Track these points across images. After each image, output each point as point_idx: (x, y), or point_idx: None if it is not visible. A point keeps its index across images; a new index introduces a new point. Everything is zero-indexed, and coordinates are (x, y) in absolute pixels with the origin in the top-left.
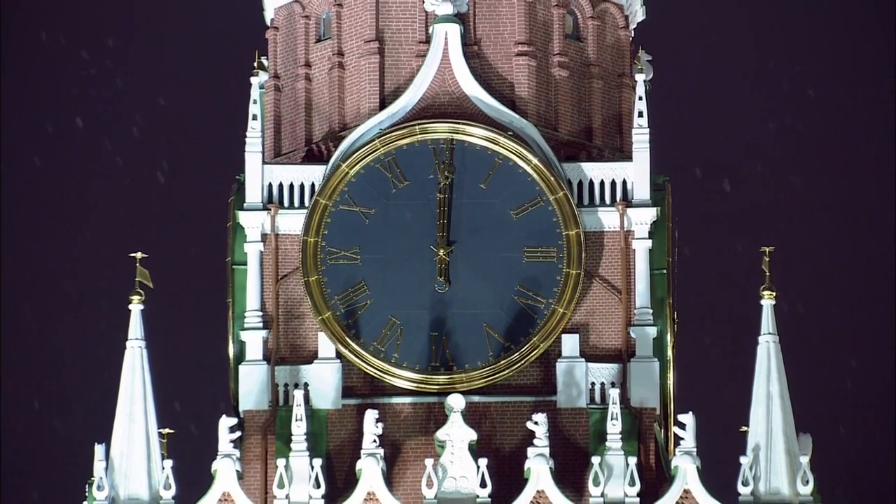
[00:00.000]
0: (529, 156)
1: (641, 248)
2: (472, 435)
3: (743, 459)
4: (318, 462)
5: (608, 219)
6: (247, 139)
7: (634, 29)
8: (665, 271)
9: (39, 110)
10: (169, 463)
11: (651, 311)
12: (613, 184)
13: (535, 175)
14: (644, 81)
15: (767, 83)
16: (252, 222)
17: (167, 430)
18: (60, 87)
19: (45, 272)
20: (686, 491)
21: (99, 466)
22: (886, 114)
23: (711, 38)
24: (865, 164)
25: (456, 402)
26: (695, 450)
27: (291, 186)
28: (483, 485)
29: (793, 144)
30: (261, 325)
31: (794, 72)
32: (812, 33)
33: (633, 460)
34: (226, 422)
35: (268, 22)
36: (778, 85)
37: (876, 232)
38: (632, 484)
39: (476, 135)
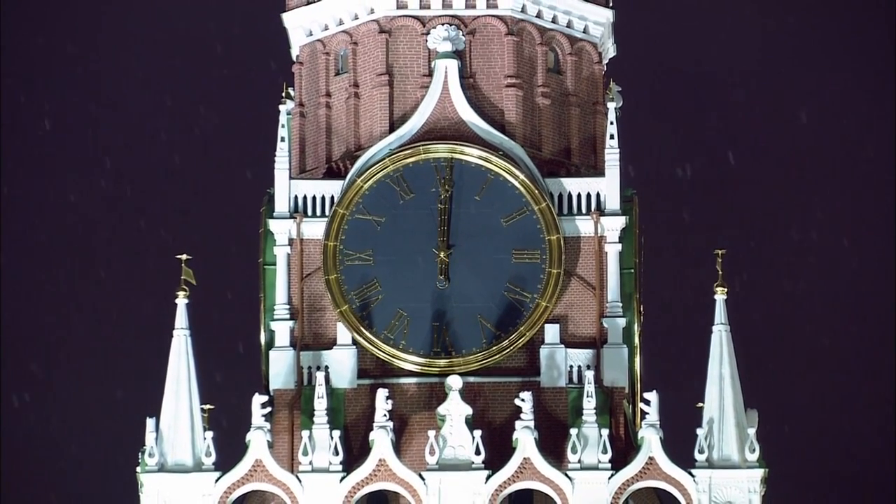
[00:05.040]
0: (517, 172)
1: (613, 250)
2: (468, 410)
3: (699, 431)
4: (336, 433)
5: (584, 226)
6: (276, 158)
7: (607, 64)
8: (633, 270)
9: (87, 124)
10: (210, 434)
11: (621, 304)
12: (589, 196)
13: (522, 188)
14: (615, 108)
15: (723, 104)
16: (280, 229)
17: (208, 406)
18: (113, 107)
19: (103, 272)
20: (651, 458)
21: (150, 437)
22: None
23: (674, 70)
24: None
25: (454, 382)
26: (658, 423)
27: (314, 198)
28: (477, 452)
29: (749, 158)
30: (288, 316)
31: (745, 90)
32: (769, 60)
33: (605, 432)
34: (258, 399)
35: (294, 58)
36: (740, 108)
37: (818, 234)
38: (604, 452)
39: (472, 154)
